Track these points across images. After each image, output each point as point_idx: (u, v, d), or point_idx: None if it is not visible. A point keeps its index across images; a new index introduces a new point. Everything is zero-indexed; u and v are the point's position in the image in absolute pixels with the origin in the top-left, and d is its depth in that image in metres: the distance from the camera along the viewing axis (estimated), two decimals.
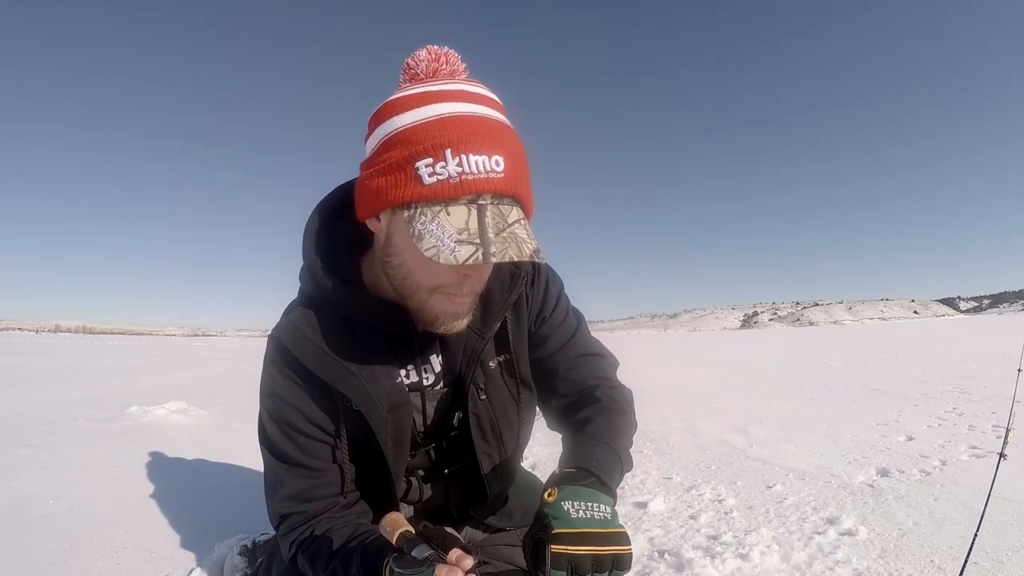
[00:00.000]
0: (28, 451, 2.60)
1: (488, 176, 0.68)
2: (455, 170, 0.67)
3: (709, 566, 1.46)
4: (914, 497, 1.97)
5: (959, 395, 4.39)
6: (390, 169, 0.71)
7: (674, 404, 4.60)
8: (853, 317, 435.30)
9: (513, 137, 0.75)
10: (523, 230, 0.71)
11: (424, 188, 0.68)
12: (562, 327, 1.03)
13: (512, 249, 0.67)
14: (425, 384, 0.94)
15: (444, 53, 0.78)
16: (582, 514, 0.69)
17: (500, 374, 0.98)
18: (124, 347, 18.71)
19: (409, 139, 0.70)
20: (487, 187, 0.68)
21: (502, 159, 0.70)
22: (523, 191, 0.73)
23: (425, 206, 0.69)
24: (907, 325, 46.38)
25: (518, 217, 0.72)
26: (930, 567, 1.44)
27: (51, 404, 4.40)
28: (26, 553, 1.54)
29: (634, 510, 1.96)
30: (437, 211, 0.68)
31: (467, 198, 0.68)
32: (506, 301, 0.93)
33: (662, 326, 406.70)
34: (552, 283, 1.04)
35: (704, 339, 29.99)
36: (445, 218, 0.68)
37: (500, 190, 0.69)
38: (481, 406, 0.96)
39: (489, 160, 0.69)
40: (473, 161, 0.68)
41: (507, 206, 0.71)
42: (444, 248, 0.66)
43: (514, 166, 0.71)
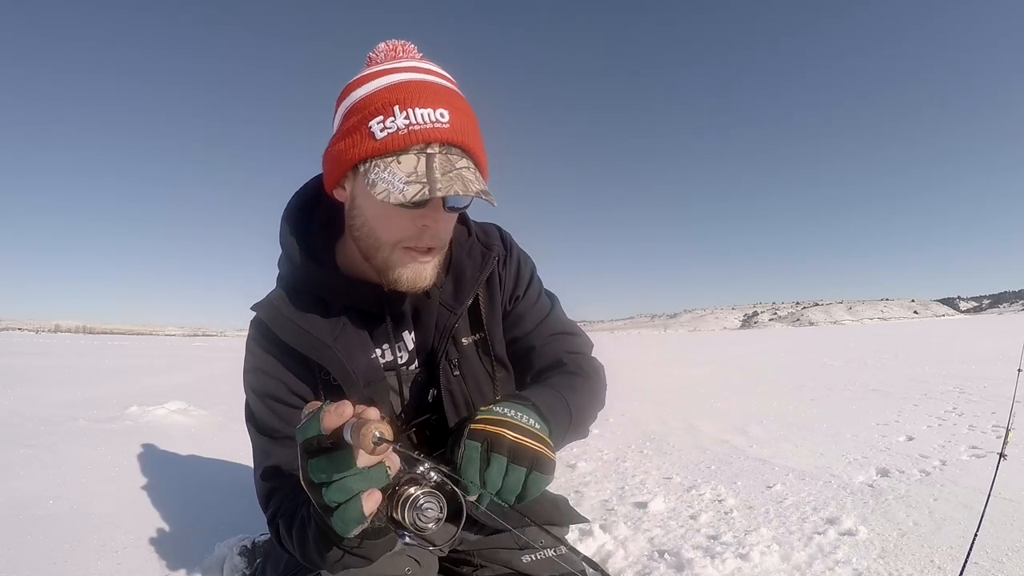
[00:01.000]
0: (28, 451, 2.60)
1: (434, 126, 0.74)
2: (403, 123, 0.73)
3: (709, 566, 1.46)
4: (914, 497, 1.97)
5: (959, 395, 4.39)
6: (347, 133, 0.77)
7: (674, 404, 4.60)
8: (853, 317, 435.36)
9: (461, 98, 0.81)
10: (471, 174, 0.76)
11: (376, 143, 0.74)
12: (536, 306, 1.05)
13: (457, 185, 0.72)
14: (400, 363, 0.95)
15: (401, 44, 0.85)
16: (511, 413, 0.72)
17: (475, 351, 0.98)
18: (124, 347, 18.72)
19: (363, 105, 0.77)
20: (434, 136, 0.74)
21: (447, 111, 0.75)
22: (471, 143, 0.78)
23: (379, 159, 0.74)
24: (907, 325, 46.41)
25: (467, 164, 0.76)
26: (930, 567, 1.44)
27: (51, 404, 4.40)
28: (26, 553, 1.54)
29: (634, 510, 1.96)
30: (389, 161, 0.73)
31: (416, 148, 0.73)
32: (478, 278, 0.95)
33: (662, 326, 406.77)
34: (524, 263, 1.06)
35: (704, 339, 29.99)
36: (396, 166, 0.73)
37: (447, 139, 0.75)
38: (455, 383, 0.96)
39: (435, 112, 0.74)
40: (419, 113, 0.74)
41: (455, 156, 0.76)
42: (395, 190, 0.71)
43: (460, 119, 0.77)
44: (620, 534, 1.73)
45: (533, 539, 1.08)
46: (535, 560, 1.06)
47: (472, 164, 0.78)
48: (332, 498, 0.57)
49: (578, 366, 0.99)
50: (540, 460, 0.68)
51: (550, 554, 1.07)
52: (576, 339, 1.06)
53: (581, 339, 1.07)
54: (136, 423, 3.56)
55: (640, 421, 3.79)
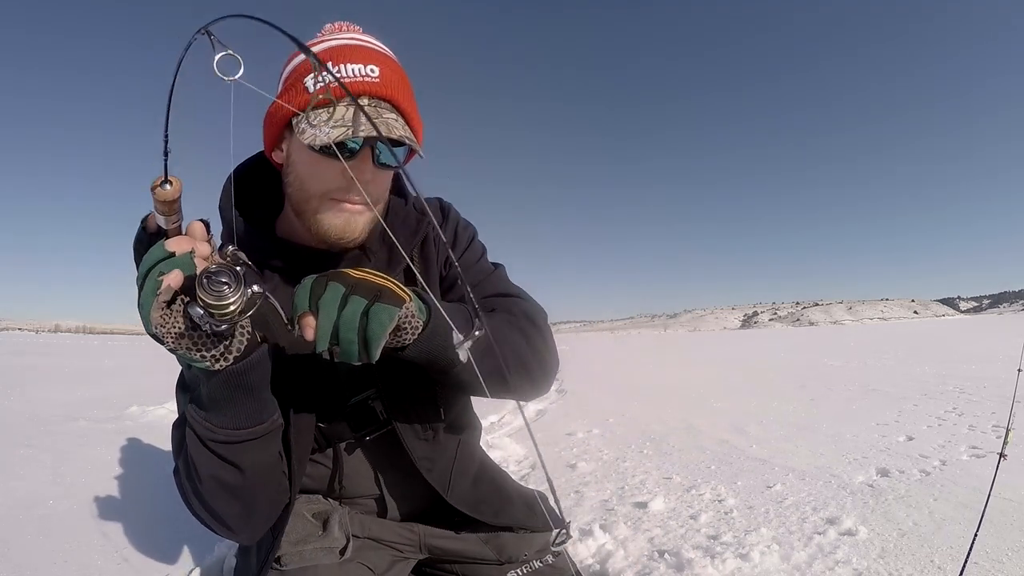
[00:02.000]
0: (28, 451, 2.60)
1: (364, 80, 0.76)
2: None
3: (709, 566, 1.46)
4: (914, 497, 1.97)
5: (959, 395, 4.39)
6: (282, 93, 0.79)
7: (674, 404, 4.60)
8: (853, 317, 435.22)
9: (393, 59, 0.82)
10: (397, 123, 0.76)
11: (308, 96, 0.75)
12: (474, 268, 1.02)
13: (381, 128, 0.72)
14: None
15: (346, 24, 0.86)
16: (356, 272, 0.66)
17: None
18: (124, 347, 18.70)
19: (299, 67, 0.79)
20: (364, 89, 0.76)
21: (377, 67, 0.77)
22: (400, 97, 0.79)
23: (312, 112, 0.74)
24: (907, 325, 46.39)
25: (395, 117, 0.77)
26: (930, 567, 1.44)
27: (51, 404, 4.40)
28: (26, 553, 1.54)
29: (634, 510, 1.96)
30: (320, 112, 0.73)
31: (347, 100, 0.73)
32: (412, 242, 0.94)
33: (662, 326, 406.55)
34: (462, 229, 1.04)
35: (704, 339, 29.99)
36: (325, 115, 0.73)
37: (376, 92, 0.76)
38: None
39: (365, 67, 0.77)
40: (350, 68, 0.76)
41: (384, 108, 0.77)
42: (321, 134, 0.71)
43: (390, 75, 0.78)
44: (620, 534, 1.73)
45: (515, 552, 1.03)
46: (521, 573, 1.02)
47: (401, 118, 0.79)
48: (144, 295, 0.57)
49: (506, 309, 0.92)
50: (385, 292, 0.63)
51: (537, 565, 1.04)
52: (521, 301, 0.96)
53: (522, 300, 0.97)
54: (136, 423, 3.56)
55: (640, 421, 3.79)
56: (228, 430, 0.70)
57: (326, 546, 0.92)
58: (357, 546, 0.95)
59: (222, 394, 0.68)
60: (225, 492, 0.76)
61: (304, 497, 0.99)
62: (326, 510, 0.98)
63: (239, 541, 0.86)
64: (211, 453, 0.72)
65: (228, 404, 0.69)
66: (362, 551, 0.96)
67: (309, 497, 1.00)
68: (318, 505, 0.99)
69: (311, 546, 0.91)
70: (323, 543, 0.92)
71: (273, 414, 0.75)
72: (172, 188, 0.59)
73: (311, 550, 0.91)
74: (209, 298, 0.54)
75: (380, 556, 0.98)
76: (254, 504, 0.80)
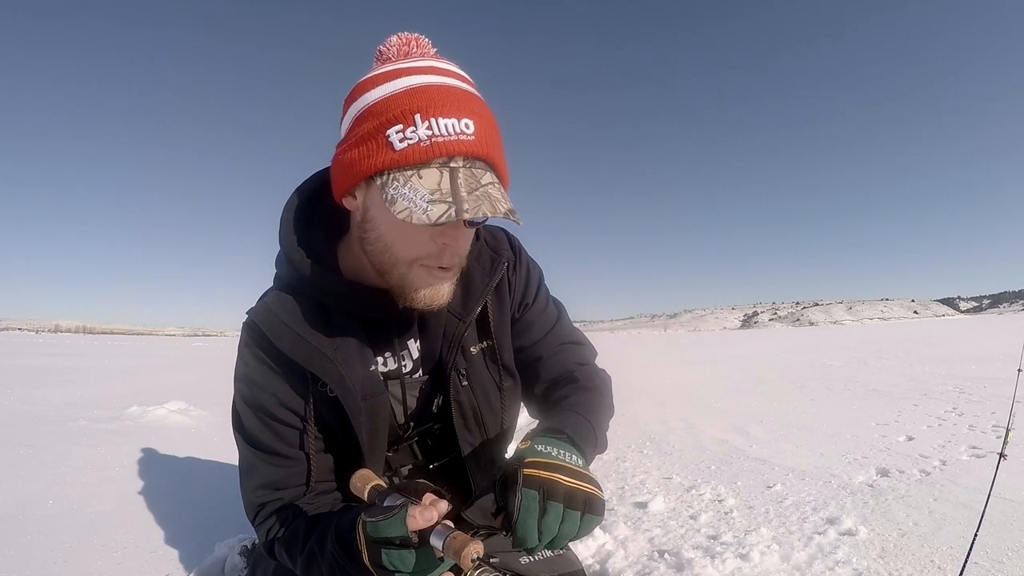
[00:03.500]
0: (28, 451, 2.60)
1: (459, 138, 0.68)
2: (425, 133, 0.67)
3: (709, 566, 1.46)
4: (914, 497, 1.97)
5: (959, 395, 4.39)
6: (362, 140, 0.71)
7: (674, 404, 4.60)
8: (853, 317, 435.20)
9: (483, 105, 0.75)
10: (497, 191, 0.70)
11: (396, 154, 0.68)
12: (544, 315, 1.03)
13: (485, 206, 0.67)
14: (404, 372, 0.92)
15: (415, 38, 0.79)
16: (555, 453, 0.69)
17: (483, 360, 0.96)
18: (124, 347, 18.70)
19: (380, 110, 0.71)
20: (458, 149, 0.68)
21: (472, 122, 0.70)
22: (495, 155, 0.73)
23: (398, 172, 0.69)
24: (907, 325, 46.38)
25: (491, 180, 0.71)
26: (930, 567, 1.44)
27: (51, 404, 4.40)
28: (26, 553, 1.54)
29: (634, 510, 1.96)
30: (409, 175, 0.68)
31: (439, 161, 0.68)
32: (487, 285, 0.92)
33: (662, 326, 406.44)
34: (533, 270, 1.04)
35: (704, 339, 29.98)
36: (417, 181, 0.67)
37: (471, 152, 0.69)
38: (463, 393, 0.93)
39: (459, 123, 0.69)
40: (443, 124, 0.68)
41: (480, 169, 0.71)
42: (417, 209, 0.66)
43: (484, 130, 0.71)
44: (620, 534, 1.73)
45: None
46: (533, 560, 1.04)
47: (496, 179, 0.73)
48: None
49: (590, 380, 0.96)
50: (593, 501, 0.66)
51: (548, 554, 1.06)
52: (583, 349, 1.04)
53: (587, 349, 1.05)
54: (136, 423, 3.56)
55: (640, 421, 3.79)
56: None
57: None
58: None
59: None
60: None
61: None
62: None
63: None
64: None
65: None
66: None
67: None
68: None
69: None
70: None
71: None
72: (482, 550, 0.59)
73: None
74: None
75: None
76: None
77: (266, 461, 0.86)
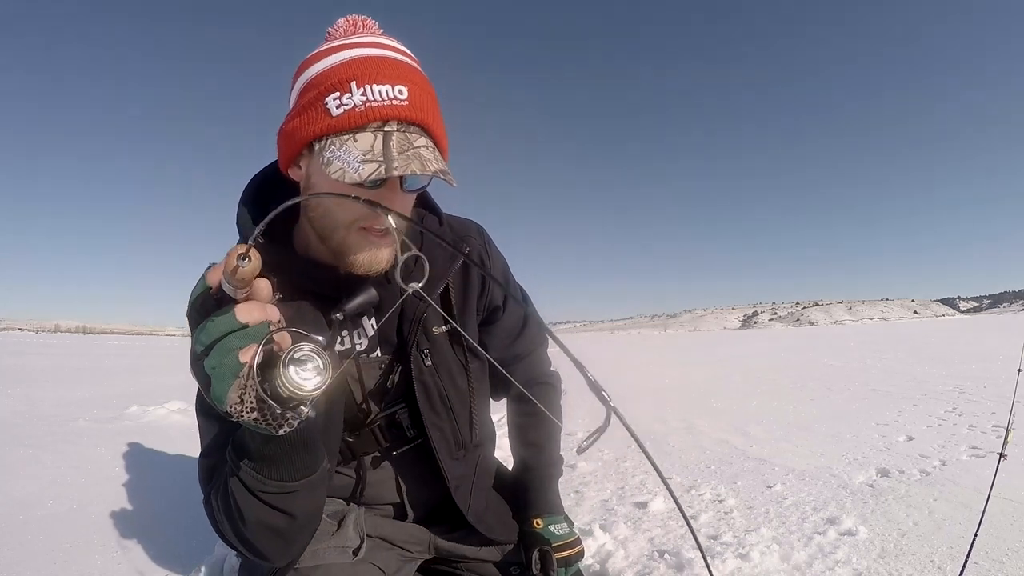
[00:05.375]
0: (28, 451, 2.60)
1: (392, 103, 0.71)
2: (360, 99, 0.70)
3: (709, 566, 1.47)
4: (914, 497, 1.97)
5: (959, 395, 4.39)
6: (303, 110, 0.74)
7: (674, 404, 4.60)
8: (853, 317, 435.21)
9: (420, 74, 0.78)
10: (429, 152, 0.72)
11: (333, 120, 0.71)
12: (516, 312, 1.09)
13: (415, 164, 0.69)
14: (359, 349, 0.91)
15: (362, 19, 0.81)
16: (560, 532, 1.09)
17: (447, 341, 0.97)
18: (124, 347, 18.70)
19: (320, 81, 0.74)
20: (392, 113, 0.71)
21: (406, 88, 0.73)
22: (430, 120, 0.75)
23: (335, 137, 0.71)
24: (907, 325, 46.40)
25: (426, 143, 0.73)
26: (930, 567, 1.44)
27: (51, 404, 4.40)
28: (26, 553, 1.54)
29: (634, 510, 1.96)
30: (345, 139, 0.70)
31: (374, 125, 0.71)
32: (449, 268, 0.94)
33: (662, 326, 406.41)
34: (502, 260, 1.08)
35: (704, 339, 29.98)
36: (352, 144, 0.70)
37: (405, 116, 0.72)
38: (427, 373, 0.93)
39: (393, 89, 0.72)
40: (377, 90, 0.71)
41: (414, 134, 0.73)
42: (350, 168, 0.68)
43: (419, 96, 0.74)
44: (620, 534, 1.73)
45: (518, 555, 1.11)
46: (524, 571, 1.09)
47: (431, 143, 0.75)
48: (211, 363, 0.53)
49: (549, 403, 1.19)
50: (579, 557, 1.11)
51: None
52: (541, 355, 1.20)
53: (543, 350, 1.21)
54: (136, 423, 3.56)
55: (640, 421, 3.79)
56: (280, 482, 0.68)
57: (340, 545, 0.93)
58: (369, 546, 0.95)
59: (278, 451, 0.66)
60: (271, 533, 0.74)
61: None
62: (341, 510, 0.98)
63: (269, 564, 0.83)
64: (260, 502, 0.70)
65: (283, 459, 0.67)
66: (373, 551, 0.96)
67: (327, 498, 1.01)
68: (333, 505, 0.99)
69: (324, 545, 0.92)
70: (337, 542, 0.93)
71: (324, 460, 0.73)
72: (250, 264, 0.52)
73: (324, 549, 0.91)
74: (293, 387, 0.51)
75: (390, 557, 0.99)
76: (297, 540, 0.79)
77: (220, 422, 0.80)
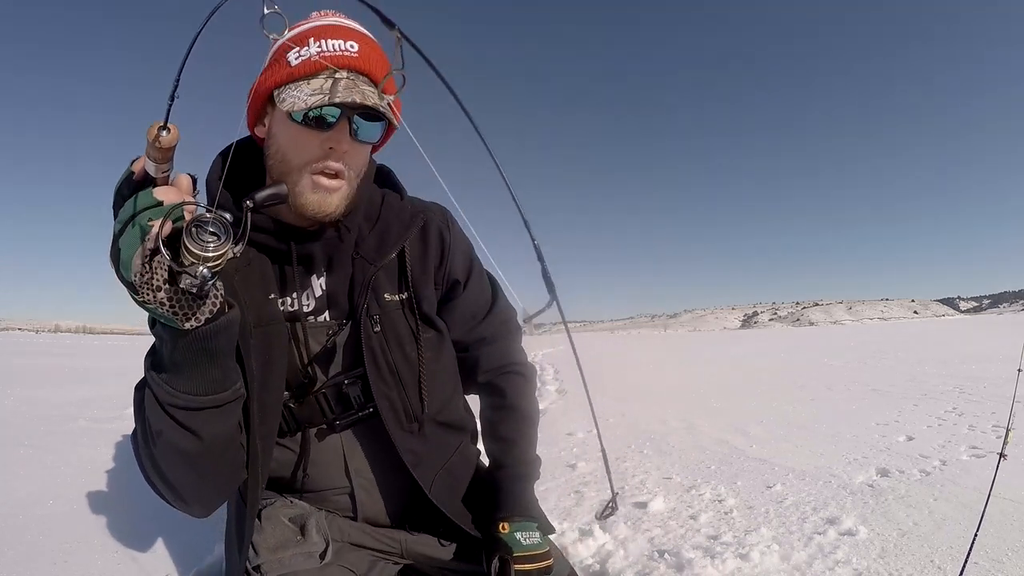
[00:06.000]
0: (28, 451, 2.60)
1: (343, 54, 0.80)
2: (316, 50, 0.79)
3: (709, 566, 1.46)
4: (914, 497, 1.97)
5: (959, 395, 4.39)
6: (267, 68, 0.82)
7: (674, 404, 4.60)
8: (853, 317, 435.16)
9: (373, 40, 0.86)
10: (372, 92, 0.80)
11: (291, 68, 0.79)
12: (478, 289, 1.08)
13: (356, 95, 0.77)
14: (305, 311, 0.92)
15: (333, 12, 0.89)
16: (526, 542, 0.96)
17: (399, 310, 0.96)
18: (124, 347, 18.70)
19: (283, 45, 0.81)
20: (342, 62, 0.79)
21: (356, 44, 0.81)
22: (379, 72, 0.83)
23: (292, 84, 0.79)
24: (907, 325, 46.42)
25: (372, 88, 0.81)
26: (930, 567, 1.44)
27: (51, 404, 4.40)
28: (26, 553, 1.54)
29: (634, 510, 1.96)
30: (300, 84, 0.78)
31: (326, 73, 0.79)
32: (403, 236, 0.96)
33: (662, 326, 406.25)
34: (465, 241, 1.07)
35: (704, 339, 29.97)
36: (305, 85, 0.78)
37: (354, 66, 0.80)
38: (375, 339, 0.93)
39: (345, 43, 0.81)
40: (331, 44, 0.80)
41: (363, 83, 0.80)
42: (299, 102, 0.76)
43: (369, 51, 0.82)
44: (620, 534, 1.73)
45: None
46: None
47: (377, 90, 0.82)
48: (124, 239, 0.57)
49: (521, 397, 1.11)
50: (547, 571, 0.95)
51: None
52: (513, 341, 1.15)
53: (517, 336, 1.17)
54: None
55: (640, 421, 3.79)
56: (189, 395, 0.68)
57: (305, 551, 0.91)
58: (336, 549, 0.93)
59: (186, 357, 0.65)
60: (180, 459, 0.73)
61: (280, 501, 0.97)
62: (302, 514, 0.96)
63: (192, 513, 0.83)
64: (169, 418, 0.69)
65: (191, 368, 0.67)
66: (341, 554, 0.94)
67: (284, 501, 0.98)
68: (294, 509, 0.97)
69: (290, 552, 0.90)
70: (302, 548, 0.91)
71: (236, 383, 0.73)
72: (170, 135, 0.58)
73: (290, 556, 0.90)
74: (196, 247, 0.53)
75: (360, 557, 0.97)
76: (208, 474, 0.78)
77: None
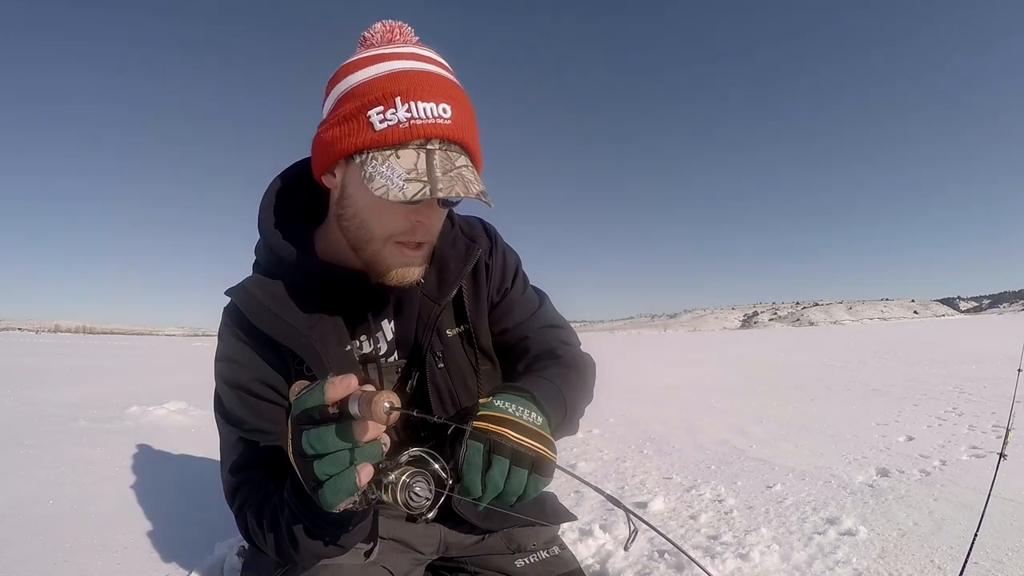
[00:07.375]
0: (28, 451, 2.61)
1: (436, 121, 0.72)
2: (404, 115, 0.71)
3: (709, 566, 1.46)
4: (914, 497, 1.97)
5: (959, 395, 4.39)
6: (343, 120, 0.75)
7: (674, 404, 4.60)
8: (853, 317, 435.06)
9: (461, 91, 0.79)
10: (470, 173, 0.74)
11: (375, 134, 0.72)
12: (525, 297, 1.05)
13: (459, 186, 0.70)
14: (379, 354, 0.92)
15: (398, 25, 0.82)
16: (512, 409, 0.71)
17: (459, 343, 0.97)
18: (124, 347, 18.70)
19: (362, 92, 0.74)
20: (435, 132, 0.72)
21: (449, 107, 0.74)
22: (470, 139, 0.76)
23: (377, 151, 0.72)
24: (907, 325, 46.39)
25: (466, 163, 0.75)
26: (930, 567, 1.43)
27: (51, 404, 4.40)
28: (26, 553, 1.54)
29: (634, 510, 1.96)
30: (388, 155, 0.71)
31: (416, 143, 0.72)
32: (462, 270, 0.94)
33: (662, 326, 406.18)
34: (509, 256, 1.06)
35: (704, 339, 29.98)
36: (395, 161, 0.71)
37: (448, 135, 0.73)
38: (439, 375, 0.94)
39: (437, 107, 0.72)
40: (422, 108, 0.72)
41: (455, 152, 0.74)
42: (393, 187, 0.69)
43: (461, 115, 0.75)
44: (620, 534, 1.73)
45: (524, 542, 1.06)
46: (529, 563, 1.04)
47: (470, 162, 0.77)
48: (325, 470, 0.57)
49: (572, 359, 0.99)
50: (540, 463, 0.68)
51: (544, 556, 1.06)
52: (567, 332, 1.07)
53: (571, 332, 1.08)
54: (136, 423, 3.56)
55: (640, 421, 3.79)
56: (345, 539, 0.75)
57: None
58: (381, 548, 0.94)
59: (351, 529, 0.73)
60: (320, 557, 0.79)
61: None
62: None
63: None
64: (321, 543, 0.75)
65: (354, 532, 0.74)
66: (385, 554, 0.96)
67: None
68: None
69: None
70: None
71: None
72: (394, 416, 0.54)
73: None
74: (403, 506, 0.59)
75: (401, 560, 0.98)
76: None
77: (246, 439, 0.85)
